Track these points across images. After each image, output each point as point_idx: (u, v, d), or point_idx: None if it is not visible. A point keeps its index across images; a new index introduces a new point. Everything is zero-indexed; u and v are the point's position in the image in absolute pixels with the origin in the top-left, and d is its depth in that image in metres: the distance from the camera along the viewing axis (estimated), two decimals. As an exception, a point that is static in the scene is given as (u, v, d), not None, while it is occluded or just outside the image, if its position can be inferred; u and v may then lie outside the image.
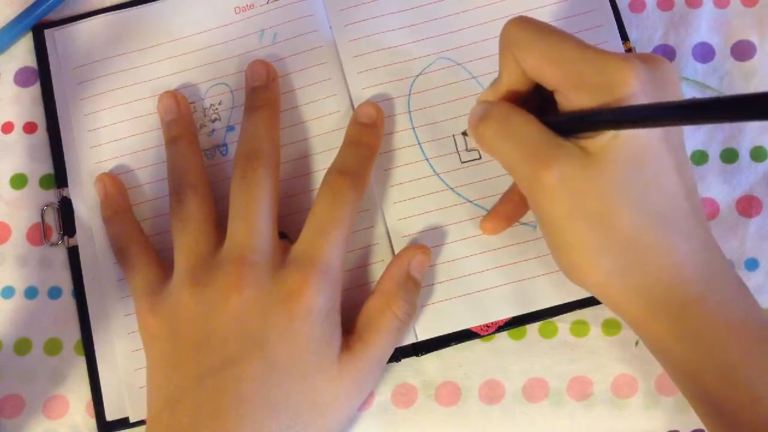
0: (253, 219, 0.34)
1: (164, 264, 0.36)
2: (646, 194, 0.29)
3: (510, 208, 0.36)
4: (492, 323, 0.36)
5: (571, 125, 0.29)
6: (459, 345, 0.37)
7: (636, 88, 0.27)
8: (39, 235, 0.39)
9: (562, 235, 0.30)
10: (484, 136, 0.32)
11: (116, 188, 0.38)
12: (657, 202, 0.29)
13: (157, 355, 0.34)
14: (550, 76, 0.29)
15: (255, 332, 0.32)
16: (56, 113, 0.40)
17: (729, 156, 0.39)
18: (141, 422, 0.36)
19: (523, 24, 0.30)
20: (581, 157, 0.28)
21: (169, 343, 0.34)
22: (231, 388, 0.32)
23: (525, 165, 0.29)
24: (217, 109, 0.40)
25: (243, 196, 0.35)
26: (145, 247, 0.37)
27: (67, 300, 0.38)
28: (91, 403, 0.37)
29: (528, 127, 0.30)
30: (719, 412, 0.30)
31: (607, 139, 0.28)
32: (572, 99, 0.29)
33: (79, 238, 0.39)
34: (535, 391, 0.37)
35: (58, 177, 0.40)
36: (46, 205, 0.39)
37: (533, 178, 0.29)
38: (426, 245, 0.37)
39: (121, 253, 0.37)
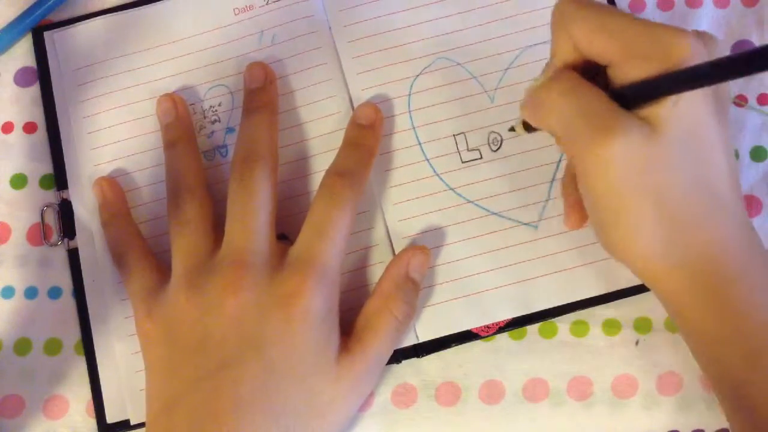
0: (250, 221, 0.34)
1: (162, 267, 0.36)
2: (699, 168, 0.29)
3: (578, 196, 0.36)
4: (493, 324, 0.36)
5: (632, 95, 0.29)
6: (459, 345, 0.37)
7: (691, 53, 0.28)
8: (39, 235, 0.39)
9: (612, 206, 0.30)
10: (549, 96, 0.31)
11: (114, 192, 0.38)
12: (708, 177, 0.30)
13: (155, 358, 0.34)
14: (604, 49, 0.30)
15: (252, 335, 0.32)
16: (56, 116, 0.40)
17: (729, 156, 0.39)
18: (141, 425, 0.36)
19: (575, 0, 0.31)
20: (644, 127, 0.29)
21: (166, 347, 0.34)
22: (229, 391, 0.32)
23: (586, 132, 0.29)
24: (216, 110, 0.40)
25: (240, 199, 0.35)
26: (143, 251, 0.37)
27: (67, 300, 0.38)
28: (92, 404, 0.37)
29: (594, 95, 0.30)
30: (739, 395, 0.30)
31: (668, 109, 0.28)
32: (627, 70, 0.29)
33: (79, 241, 0.39)
34: (535, 391, 0.36)
35: (58, 179, 0.40)
36: (46, 206, 0.39)
37: (592, 146, 0.29)
38: (425, 246, 0.36)
39: (118, 258, 0.37)
